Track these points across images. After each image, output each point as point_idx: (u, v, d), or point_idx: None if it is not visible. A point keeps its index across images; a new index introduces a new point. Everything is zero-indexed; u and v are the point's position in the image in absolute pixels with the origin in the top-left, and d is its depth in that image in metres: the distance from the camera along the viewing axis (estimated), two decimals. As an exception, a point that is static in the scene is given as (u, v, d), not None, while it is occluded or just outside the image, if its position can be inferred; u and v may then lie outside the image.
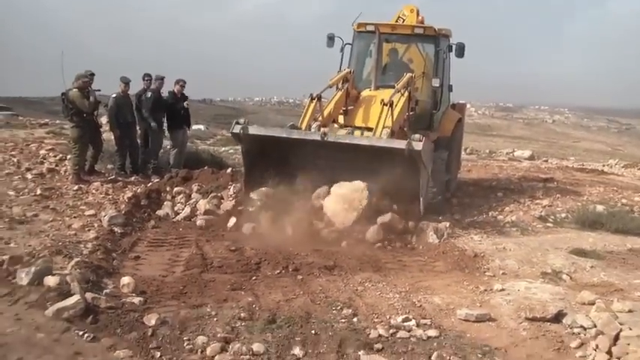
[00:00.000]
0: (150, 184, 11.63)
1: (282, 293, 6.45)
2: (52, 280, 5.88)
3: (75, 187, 11.37)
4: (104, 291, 6.09)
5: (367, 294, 6.57)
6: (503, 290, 6.78)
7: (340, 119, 10.78)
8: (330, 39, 12.09)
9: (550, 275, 7.51)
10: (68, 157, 13.33)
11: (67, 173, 12.44)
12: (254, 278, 6.98)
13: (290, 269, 7.30)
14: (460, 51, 11.93)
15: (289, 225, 8.96)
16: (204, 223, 9.46)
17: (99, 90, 12.42)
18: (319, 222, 9.17)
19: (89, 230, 8.54)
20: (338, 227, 8.96)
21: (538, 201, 12.75)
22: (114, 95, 12.89)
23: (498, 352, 5.26)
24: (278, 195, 9.60)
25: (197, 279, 6.79)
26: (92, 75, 12.25)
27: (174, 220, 9.82)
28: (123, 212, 9.35)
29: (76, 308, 5.35)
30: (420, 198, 9.23)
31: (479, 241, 9.07)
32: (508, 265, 7.87)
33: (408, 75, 10.84)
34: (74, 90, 11.85)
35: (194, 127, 23.12)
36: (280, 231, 8.89)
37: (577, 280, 7.42)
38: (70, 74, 12.41)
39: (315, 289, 6.62)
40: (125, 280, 6.34)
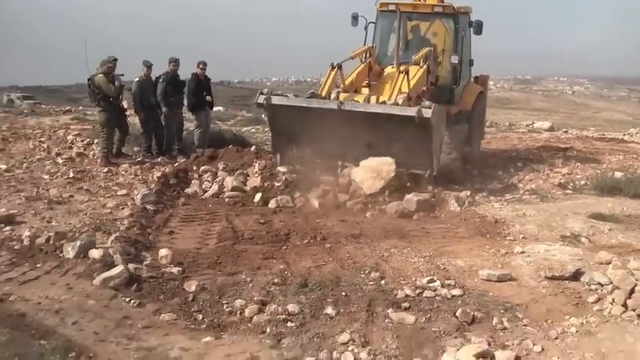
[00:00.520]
0: (177, 164, 11.96)
1: (311, 260, 6.80)
2: (97, 253, 6.29)
3: (105, 170, 11.76)
4: (144, 262, 6.48)
5: (393, 259, 6.89)
6: (523, 253, 7.07)
7: (365, 91, 11.04)
8: (355, 18, 12.39)
9: (569, 238, 7.76)
10: (96, 141, 13.69)
11: (96, 157, 12.82)
12: (284, 248, 7.34)
13: (318, 239, 7.64)
14: (478, 28, 12.22)
15: (315, 198, 9.37)
16: (232, 200, 9.80)
17: (122, 74, 12.75)
18: (344, 194, 9.56)
19: (123, 209, 8.92)
20: (365, 192, 9.41)
21: (557, 169, 12.94)
22: (136, 79, 13.19)
23: (519, 308, 5.56)
24: (303, 170, 10.01)
25: (230, 250, 7.15)
26: (115, 60, 12.56)
27: (202, 198, 10.14)
28: (154, 191, 9.70)
29: (121, 277, 5.77)
30: (433, 164, 9.68)
31: (499, 208, 9.33)
32: (528, 230, 8.12)
33: (427, 49, 11.15)
34: (100, 75, 12.19)
35: (214, 109, 23.43)
36: (307, 204, 9.30)
37: (595, 242, 7.66)
38: (91, 61, 12.76)
39: (343, 256, 6.96)
40: (163, 252, 6.71)
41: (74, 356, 4.45)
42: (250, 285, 5.97)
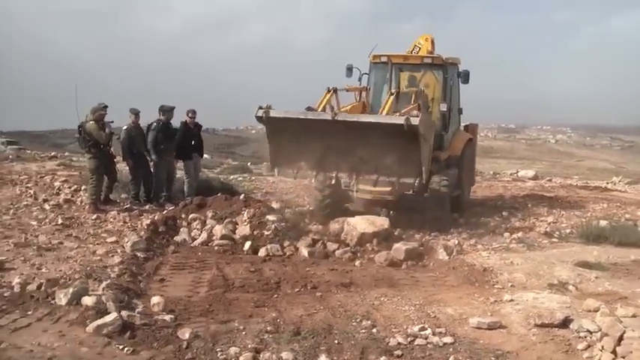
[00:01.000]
0: (165, 212, 11.98)
1: (303, 309, 6.83)
2: (89, 300, 6.30)
3: (93, 217, 11.74)
4: (136, 310, 6.46)
5: (384, 307, 6.95)
6: (512, 301, 7.15)
7: None
8: (349, 69, 12.89)
9: (557, 286, 7.86)
10: (83, 188, 13.71)
11: (84, 203, 12.81)
12: (275, 296, 7.37)
13: (308, 287, 7.70)
14: (465, 78, 12.76)
15: (305, 247, 9.48)
16: (221, 248, 9.84)
17: (112, 122, 12.85)
18: (333, 244, 9.70)
19: (113, 256, 8.92)
20: (359, 231, 9.77)
21: (543, 218, 13.14)
22: (125, 127, 13.27)
23: (510, 356, 5.62)
24: (292, 218, 10.20)
25: (221, 298, 7.17)
26: (106, 107, 12.67)
27: (191, 246, 10.14)
28: (144, 238, 9.71)
29: (115, 325, 5.76)
30: (422, 171, 10.05)
31: (487, 257, 9.45)
32: (516, 278, 8.22)
33: (415, 89, 11.86)
34: (91, 122, 12.29)
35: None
36: (296, 253, 9.41)
37: (582, 290, 7.77)
38: (80, 107, 12.85)
39: (334, 304, 7.00)
40: (155, 300, 6.72)
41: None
42: (243, 333, 5.99)
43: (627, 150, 70.83)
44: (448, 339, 5.93)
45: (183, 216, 11.38)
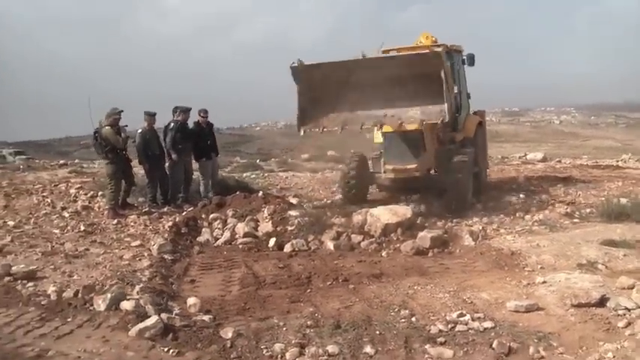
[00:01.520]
0: (185, 213, 12.03)
1: (339, 302, 6.86)
2: (128, 305, 6.34)
3: (114, 222, 11.79)
4: (173, 312, 6.50)
5: (419, 296, 6.97)
6: (544, 282, 7.15)
7: None
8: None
9: (586, 266, 7.86)
10: (100, 194, 13.78)
11: (102, 209, 12.87)
12: (308, 291, 7.41)
13: (340, 280, 7.73)
14: (471, 60, 13.47)
15: (329, 240, 9.53)
16: (246, 246, 9.88)
17: (126, 126, 12.90)
18: (357, 235, 9.77)
19: (140, 260, 8.96)
20: (383, 222, 9.86)
21: (561, 199, 13.15)
22: (140, 130, 13.32)
23: (552, 337, 5.63)
24: (314, 212, 10.29)
25: (255, 295, 7.21)
26: (121, 112, 12.70)
27: (215, 245, 10.20)
28: (169, 240, 9.75)
29: (156, 328, 5.79)
30: (445, 103, 10.59)
31: (512, 240, 9.45)
32: (545, 260, 8.23)
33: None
34: (107, 128, 12.33)
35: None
36: (321, 247, 9.47)
37: (612, 269, 7.77)
38: (90, 115, 12.90)
39: (369, 296, 7.03)
40: (191, 301, 6.75)
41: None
42: (284, 329, 6.01)
43: (633, 127, 70.57)
44: (488, 323, 5.94)
45: (203, 216, 11.46)
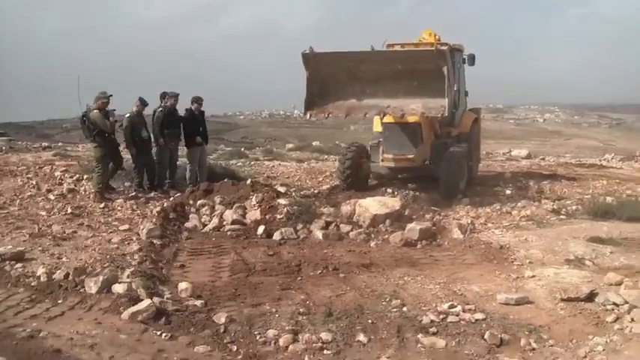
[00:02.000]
0: (173, 199, 11.97)
1: (330, 290, 6.89)
2: (120, 288, 6.33)
3: (101, 205, 11.71)
4: (165, 296, 6.48)
5: (409, 286, 7.02)
6: (534, 277, 7.25)
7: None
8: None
9: (574, 261, 7.95)
10: (85, 177, 13.67)
11: (88, 193, 12.77)
12: (299, 279, 7.42)
13: (330, 269, 7.74)
14: (471, 60, 13.90)
15: (318, 229, 9.55)
16: (234, 233, 9.86)
17: (114, 110, 12.78)
18: (346, 225, 9.78)
19: (129, 244, 8.94)
20: (371, 212, 9.97)
21: (547, 196, 13.23)
22: (127, 115, 13.20)
23: (543, 329, 5.71)
24: (302, 201, 10.32)
25: (245, 282, 7.22)
26: (110, 96, 12.58)
27: (203, 231, 10.16)
28: (158, 225, 9.70)
29: (149, 311, 5.80)
30: (446, 98, 11.10)
31: (501, 235, 9.53)
32: (533, 255, 8.31)
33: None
34: (95, 111, 12.20)
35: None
36: (310, 235, 9.49)
37: (600, 265, 7.86)
38: (79, 96, 12.82)
39: (359, 285, 7.07)
40: (183, 286, 6.75)
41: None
42: (277, 315, 6.04)
43: (615, 127, 71.34)
44: (479, 315, 6.01)
45: (191, 202, 11.40)
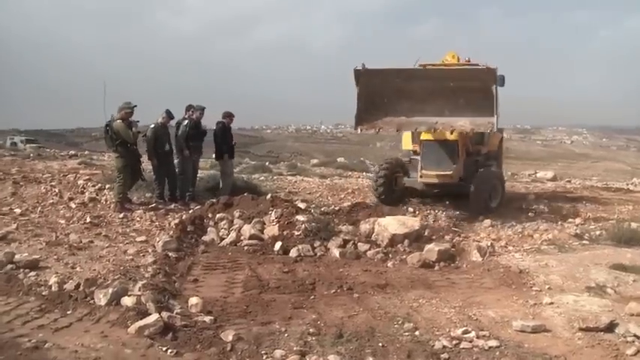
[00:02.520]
0: (192, 211, 11.95)
1: (342, 310, 6.77)
2: (129, 301, 6.27)
3: (120, 215, 11.75)
4: (174, 311, 6.41)
5: (423, 309, 6.87)
6: (552, 304, 7.04)
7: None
8: None
9: (595, 289, 7.72)
10: (107, 187, 13.74)
11: (109, 202, 12.83)
12: (312, 297, 7.31)
13: (344, 288, 7.62)
14: (501, 81, 13.59)
15: (336, 247, 9.44)
16: (251, 248, 9.79)
17: (138, 121, 12.85)
18: (364, 244, 9.67)
19: (144, 255, 8.89)
20: (390, 232, 9.88)
21: (570, 219, 12.96)
22: (152, 126, 13.30)
23: (558, 360, 5.53)
24: (321, 218, 10.25)
25: (258, 299, 7.12)
26: (134, 107, 12.66)
27: (220, 245, 10.11)
28: (174, 238, 9.66)
29: (156, 326, 5.72)
30: (494, 116, 11.47)
31: (520, 259, 9.32)
32: (553, 280, 8.10)
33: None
34: (118, 121, 12.29)
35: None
36: (327, 253, 9.39)
37: (621, 294, 7.62)
38: (104, 105, 12.96)
39: (373, 306, 6.93)
40: (193, 301, 6.67)
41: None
42: (286, 335, 5.93)
43: (643, 151, 70.35)
44: (493, 342, 5.83)
45: (210, 215, 11.37)
